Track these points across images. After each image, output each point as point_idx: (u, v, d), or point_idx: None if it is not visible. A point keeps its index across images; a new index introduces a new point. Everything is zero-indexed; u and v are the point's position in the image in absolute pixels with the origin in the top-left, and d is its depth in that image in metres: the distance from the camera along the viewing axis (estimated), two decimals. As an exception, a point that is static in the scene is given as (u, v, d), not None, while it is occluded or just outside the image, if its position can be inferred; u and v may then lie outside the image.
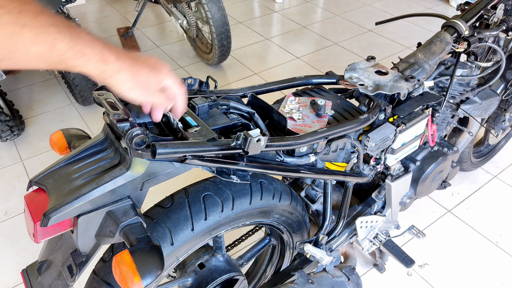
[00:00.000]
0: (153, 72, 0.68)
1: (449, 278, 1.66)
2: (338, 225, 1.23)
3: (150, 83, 0.68)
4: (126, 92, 0.66)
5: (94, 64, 0.59)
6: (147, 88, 0.68)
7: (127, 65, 0.64)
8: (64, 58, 0.56)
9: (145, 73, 0.67)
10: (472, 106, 1.43)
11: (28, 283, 0.87)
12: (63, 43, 0.55)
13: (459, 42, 1.25)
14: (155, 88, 0.69)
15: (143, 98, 0.69)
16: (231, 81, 2.84)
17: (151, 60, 0.70)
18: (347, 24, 3.52)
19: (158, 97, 0.71)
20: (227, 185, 0.97)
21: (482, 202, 1.97)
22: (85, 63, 0.58)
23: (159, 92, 0.70)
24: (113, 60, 0.61)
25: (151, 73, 0.68)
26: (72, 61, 0.57)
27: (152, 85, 0.69)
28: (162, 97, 0.72)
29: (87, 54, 0.58)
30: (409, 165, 1.42)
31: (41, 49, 0.53)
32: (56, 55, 0.55)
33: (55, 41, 0.54)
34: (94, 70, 0.60)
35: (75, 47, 0.56)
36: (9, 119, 2.21)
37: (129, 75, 0.64)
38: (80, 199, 0.71)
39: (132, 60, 0.65)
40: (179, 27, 2.84)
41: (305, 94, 1.17)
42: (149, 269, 0.69)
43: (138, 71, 0.66)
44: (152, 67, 0.68)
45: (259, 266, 1.46)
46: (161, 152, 0.69)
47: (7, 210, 1.96)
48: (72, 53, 0.56)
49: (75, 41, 0.56)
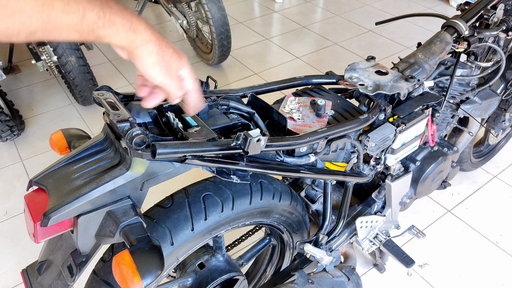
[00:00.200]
0: (176, 54, 0.69)
1: (449, 278, 1.66)
2: (338, 225, 1.23)
3: (172, 64, 0.68)
4: (149, 66, 0.65)
5: (124, 33, 0.60)
6: (169, 68, 0.67)
7: (156, 38, 0.64)
8: (95, 27, 0.56)
9: (170, 52, 0.67)
10: (472, 106, 1.43)
11: (28, 283, 0.87)
12: (93, 12, 0.55)
13: (459, 42, 1.25)
14: (175, 71, 0.69)
15: (162, 78, 0.68)
16: (231, 81, 2.84)
17: (173, 44, 0.70)
18: (347, 24, 3.52)
19: (175, 81, 0.70)
20: (227, 185, 0.97)
21: (482, 202, 1.97)
22: (115, 33, 0.59)
23: (176, 77, 0.70)
24: (142, 30, 0.62)
25: (175, 55, 0.68)
26: (103, 30, 0.57)
27: (173, 67, 0.68)
28: (178, 83, 0.71)
29: (117, 23, 0.58)
30: (409, 165, 1.42)
31: (73, 18, 0.53)
32: (87, 24, 0.55)
33: (86, 11, 0.54)
34: (123, 39, 0.60)
35: (105, 16, 0.57)
36: (9, 119, 2.21)
37: (156, 48, 0.64)
38: (80, 199, 0.71)
39: (159, 35, 0.65)
40: (179, 27, 2.84)
41: (305, 94, 1.17)
42: (149, 269, 0.69)
43: (165, 47, 0.66)
44: (175, 50, 0.69)
45: (259, 266, 1.46)
46: (161, 152, 0.69)
47: (7, 210, 1.96)
48: (102, 22, 0.57)
49: (105, 10, 0.57)
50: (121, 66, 3.01)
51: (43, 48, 2.29)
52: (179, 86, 0.71)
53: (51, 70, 2.40)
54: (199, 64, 3.02)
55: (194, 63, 3.04)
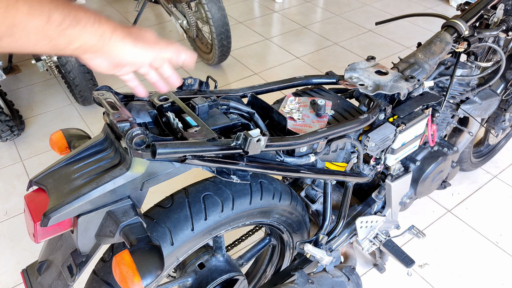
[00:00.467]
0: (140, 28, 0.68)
1: (449, 278, 1.66)
2: (338, 225, 1.23)
3: (146, 37, 0.67)
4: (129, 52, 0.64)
5: (91, 27, 0.59)
6: (146, 39, 0.67)
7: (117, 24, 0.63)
8: (63, 28, 0.56)
9: (136, 29, 0.67)
10: (472, 106, 1.43)
11: (28, 283, 0.87)
12: (58, 11, 0.55)
13: (459, 42, 1.25)
14: (153, 40, 0.68)
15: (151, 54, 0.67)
16: (231, 81, 2.84)
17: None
18: (347, 24, 3.52)
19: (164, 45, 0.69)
20: (227, 185, 0.97)
21: (482, 202, 1.97)
22: (83, 30, 0.58)
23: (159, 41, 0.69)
24: (104, 21, 0.61)
25: (139, 28, 0.68)
26: (71, 29, 0.57)
27: (148, 36, 0.68)
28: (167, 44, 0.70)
29: (82, 19, 0.58)
30: (409, 165, 1.42)
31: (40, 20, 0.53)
32: (54, 25, 0.55)
33: (51, 11, 0.54)
34: (93, 35, 0.59)
35: (70, 14, 0.56)
36: (9, 119, 2.21)
37: (124, 30, 0.64)
38: (80, 199, 0.71)
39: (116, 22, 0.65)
40: (179, 27, 2.84)
41: (305, 94, 1.17)
42: (149, 269, 0.69)
43: (130, 28, 0.65)
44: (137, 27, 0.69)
45: (259, 266, 1.46)
46: (161, 152, 0.69)
47: (7, 210, 1.96)
48: (69, 21, 0.56)
49: (69, 9, 0.56)
50: (121, 66, 3.01)
51: (43, 48, 2.28)
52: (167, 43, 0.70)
53: (51, 70, 2.40)
54: (199, 64, 3.02)
55: (194, 63, 3.04)
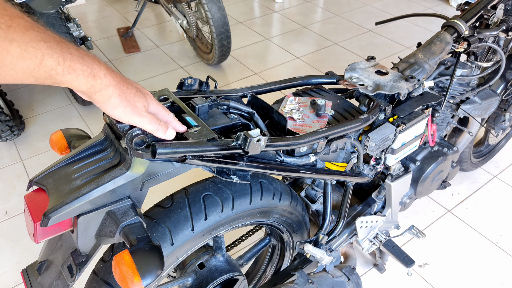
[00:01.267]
0: (140, 93, 0.69)
1: (449, 278, 1.66)
2: (338, 225, 1.23)
3: (137, 103, 0.67)
4: (112, 109, 0.65)
5: (83, 79, 0.59)
6: (134, 107, 0.67)
7: (116, 82, 0.64)
8: (53, 74, 0.56)
9: (133, 92, 0.67)
10: (472, 106, 1.43)
11: (28, 283, 0.87)
12: (53, 58, 0.55)
13: (459, 42, 1.25)
14: (141, 108, 0.68)
15: (130, 118, 0.67)
16: (231, 81, 2.84)
17: (137, 84, 0.71)
18: (347, 24, 3.52)
19: (146, 118, 0.69)
20: (227, 185, 0.97)
21: (482, 202, 1.97)
22: (74, 79, 0.58)
23: (146, 113, 0.69)
24: (102, 75, 0.61)
25: (138, 94, 0.68)
26: (61, 76, 0.57)
27: (139, 105, 0.68)
28: (150, 118, 0.69)
29: (77, 69, 0.58)
30: (409, 165, 1.42)
31: (30, 64, 0.53)
32: (45, 70, 0.54)
33: (44, 57, 0.54)
34: (83, 85, 0.60)
35: (64, 62, 0.56)
36: (9, 119, 2.21)
37: (116, 91, 0.64)
38: (80, 199, 0.71)
39: (120, 78, 0.65)
40: (179, 27, 2.84)
41: (305, 94, 1.17)
42: (149, 269, 0.69)
43: (126, 89, 0.66)
44: (138, 89, 0.69)
45: (259, 266, 1.46)
46: (161, 152, 0.69)
47: (7, 210, 1.96)
48: (62, 68, 0.56)
49: (65, 57, 0.56)
50: (121, 66, 3.01)
51: (43, 48, 2.29)
52: (152, 120, 0.69)
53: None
54: (199, 64, 3.02)
55: (194, 63, 3.04)
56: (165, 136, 0.72)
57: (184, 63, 3.04)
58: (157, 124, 0.70)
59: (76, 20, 2.50)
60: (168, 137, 0.72)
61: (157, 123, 0.70)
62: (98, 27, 3.52)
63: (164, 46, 3.25)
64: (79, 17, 3.65)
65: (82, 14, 3.73)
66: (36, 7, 2.05)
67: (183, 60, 3.08)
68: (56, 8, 2.09)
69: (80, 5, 3.86)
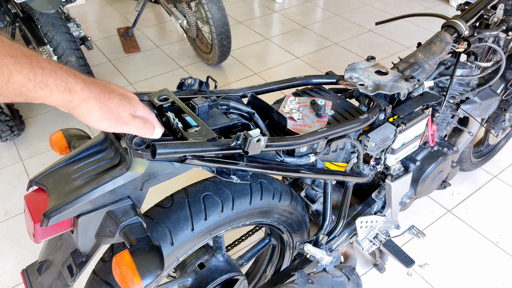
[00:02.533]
0: (125, 100, 0.65)
1: (449, 278, 1.66)
2: (338, 225, 1.23)
3: (122, 113, 0.64)
4: (94, 123, 0.62)
5: (58, 94, 0.55)
6: (118, 117, 0.64)
7: (95, 94, 0.60)
8: (24, 91, 0.52)
9: (116, 102, 0.63)
10: (472, 106, 1.43)
11: (28, 283, 0.87)
12: (22, 74, 0.51)
13: (459, 42, 1.25)
14: (126, 117, 0.65)
15: (114, 128, 0.64)
16: (231, 81, 2.84)
17: (121, 89, 0.67)
18: (347, 24, 3.52)
19: (132, 125, 0.66)
20: (227, 185, 0.97)
21: (482, 202, 1.97)
22: (48, 95, 0.54)
23: (132, 120, 0.66)
24: (79, 89, 0.57)
25: (123, 102, 0.64)
26: (33, 93, 0.53)
27: (124, 114, 0.64)
28: (137, 124, 0.67)
29: (50, 85, 0.54)
30: (409, 165, 1.42)
31: None
32: (14, 87, 0.51)
33: (12, 73, 0.50)
34: (58, 101, 0.56)
35: (35, 78, 0.52)
36: (9, 119, 2.21)
37: (97, 104, 0.60)
38: (80, 199, 0.71)
39: (100, 88, 0.61)
40: (179, 27, 2.84)
41: (305, 94, 1.17)
42: (149, 269, 0.69)
43: (108, 99, 0.62)
44: (122, 95, 0.65)
45: (259, 266, 1.45)
46: (161, 152, 0.69)
47: (7, 210, 1.96)
48: (33, 84, 0.52)
49: (36, 72, 0.52)
50: (121, 66, 3.01)
51: (43, 48, 2.29)
52: (138, 126, 0.67)
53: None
54: (199, 64, 3.02)
55: (194, 63, 3.04)
56: (153, 136, 0.71)
57: (184, 63, 3.04)
58: (143, 128, 0.68)
59: (76, 20, 2.50)
60: (156, 137, 0.71)
61: (144, 127, 0.68)
62: (98, 27, 3.52)
63: (164, 46, 3.25)
64: (79, 17, 3.65)
65: (82, 14, 3.73)
66: (36, 7, 2.05)
67: (183, 60, 3.08)
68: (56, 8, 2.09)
69: (80, 5, 3.86)
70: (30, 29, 2.33)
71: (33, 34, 2.32)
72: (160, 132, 0.72)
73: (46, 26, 2.17)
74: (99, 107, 0.61)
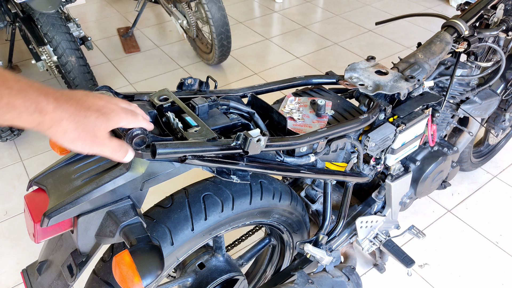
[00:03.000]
0: (102, 116, 0.59)
1: (449, 278, 1.66)
2: (338, 225, 1.23)
3: (98, 132, 0.59)
4: (69, 144, 0.57)
5: (28, 116, 0.51)
6: (95, 136, 0.59)
7: (69, 113, 0.55)
8: None
9: (92, 120, 0.58)
10: (472, 106, 1.43)
11: (28, 283, 0.87)
12: None
13: (459, 42, 1.25)
14: (103, 137, 0.60)
15: (89, 150, 0.60)
16: (231, 81, 2.84)
17: (100, 101, 0.60)
18: (347, 24, 3.52)
19: (106, 148, 0.61)
20: (227, 185, 0.97)
21: (482, 202, 1.97)
22: (17, 117, 0.51)
23: (109, 142, 0.61)
24: (51, 109, 0.53)
25: (99, 119, 0.59)
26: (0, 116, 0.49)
27: (100, 134, 0.59)
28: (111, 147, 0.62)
29: (19, 106, 0.50)
30: (409, 165, 1.42)
31: None
32: None
33: None
34: (28, 123, 0.52)
35: (1, 99, 0.49)
36: (9, 119, 2.20)
37: (71, 124, 0.56)
38: (80, 199, 0.71)
39: (75, 106, 0.56)
40: (179, 27, 2.84)
41: (305, 94, 1.17)
42: (149, 269, 0.69)
43: (84, 118, 0.57)
44: (100, 111, 0.59)
45: (259, 266, 1.45)
46: (161, 152, 0.69)
47: (7, 210, 1.96)
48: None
49: (1, 93, 0.49)
50: (121, 66, 3.01)
51: (43, 48, 2.29)
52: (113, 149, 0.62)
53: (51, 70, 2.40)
54: (199, 64, 3.02)
55: (194, 63, 3.04)
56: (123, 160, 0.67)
57: (184, 63, 3.04)
58: (118, 151, 0.64)
59: (76, 20, 2.50)
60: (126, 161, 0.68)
61: (119, 150, 0.64)
62: (98, 27, 3.52)
63: (164, 46, 3.25)
64: (79, 17, 3.65)
65: (82, 14, 3.73)
66: (36, 7, 2.05)
67: (183, 60, 3.08)
68: (56, 8, 2.09)
69: (80, 5, 3.86)
70: (30, 29, 2.33)
71: (33, 34, 2.32)
72: (131, 156, 0.68)
73: (46, 26, 2.17)
74: (74, 127, 0.56)
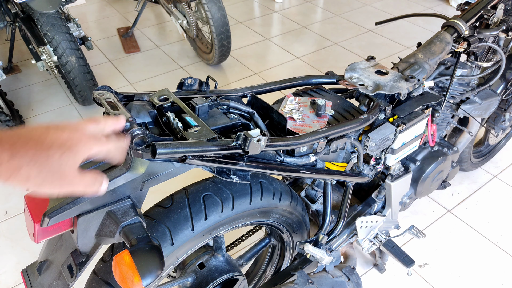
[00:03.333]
0: (67, 152, 0.53)
1: (449, 278, 1.66)
2: (338, 225, 1.23)
3: (65, 169, 0.53)
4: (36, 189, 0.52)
5: None
6: (63, 176, 0.53)
7: (29, 158, 0.49)
8: None
9: (56, 160, 0.52)
10: (472, 106, 1.43)
11: (28, 283, 0.87)
12: None
13: (459, 42, 1.25)
14: (72, 175, 0.54)
15: (59, 191, 0.54)
16: (231, 81, 2.84)
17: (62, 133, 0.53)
18: (347, 24, 3.52)
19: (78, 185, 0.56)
20: (227, 185, 0.97)
21: (482, 202, 1.97)
22: None
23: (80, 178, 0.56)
24: (6, 159, 0.48)
25: (64, 156, 0.52)
26: None
27: (69, 170, 0.53)
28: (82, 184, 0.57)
29: None
30: (409, 165, 1.42)
31: None
32: None
33: None
34: None
35: None
36: (9, 119, 2.21)
37: (34, 169, 0.50)
38: (80, 199, 0.71)
39: (35, 148, 0.50)
40: (179, 27, 2.84)
41: (305, 94, 1.17)
42: (149, 269, 0.69)
43: (46, 160, 0.51)
44: (64, 146, 0.53)
45: (259, 266, 1.45)
46: (161, 152, 0.69)
47: (7, 210, 1.96)
48: None
49: None
50: (121, 66, 3.01)
51: (43, 48, 2.29)
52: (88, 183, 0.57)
53: (51, 70, 2.40)
54: (199, 64, 3.02)
55: (194, 63, 3.04)
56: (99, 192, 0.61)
57: (184, 63, 3.04)
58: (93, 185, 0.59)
59: (76, 20, 2.50)
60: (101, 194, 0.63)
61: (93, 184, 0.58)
62: (98, 27, 3.52)
63: (164, 46, 3.25)
64: (79, 17, 3.65)
65: (82, 14, 3.73)
66: (36, 7, 2.05)
67: (183, 60, 3.08)
68: (56, 8, 2.10)
69: (80, 5, 3.86)
70: (30, 29, 2.33)
71: (33, 34, 2.32)
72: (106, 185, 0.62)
73: (46, 26, 2.17)
74: (37, 171, 0.50)
